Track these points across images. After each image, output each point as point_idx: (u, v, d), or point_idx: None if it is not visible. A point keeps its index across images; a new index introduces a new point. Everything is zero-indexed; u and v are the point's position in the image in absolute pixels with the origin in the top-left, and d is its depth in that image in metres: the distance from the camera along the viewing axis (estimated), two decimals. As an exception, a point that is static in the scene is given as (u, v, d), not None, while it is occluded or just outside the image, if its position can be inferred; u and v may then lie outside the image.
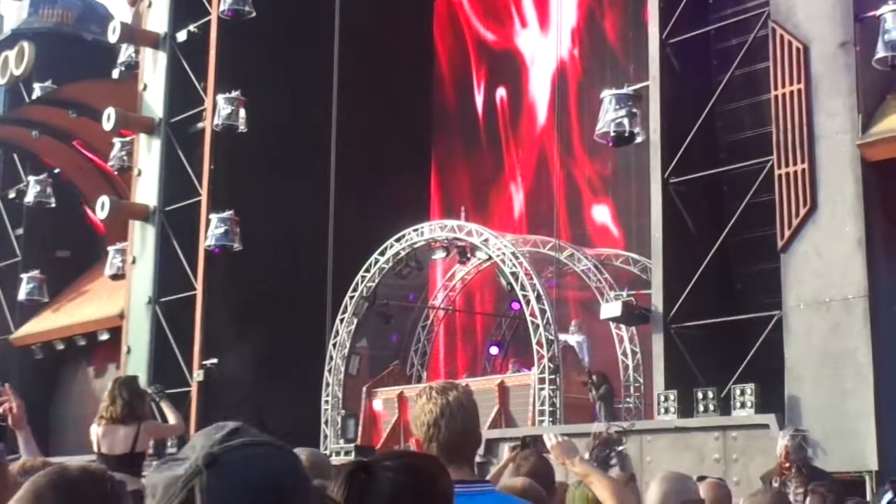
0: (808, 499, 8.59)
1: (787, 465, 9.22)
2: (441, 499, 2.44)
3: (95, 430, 7.75)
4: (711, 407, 15.05)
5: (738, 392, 14.77)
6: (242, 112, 23.16)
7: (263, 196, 22.96)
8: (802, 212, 14.40)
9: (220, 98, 23.18)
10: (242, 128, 23.15)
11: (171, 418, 8.65)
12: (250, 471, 1.48)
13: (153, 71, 25.57)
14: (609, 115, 17.68)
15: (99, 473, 2.19)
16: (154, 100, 25.33)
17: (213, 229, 22.78)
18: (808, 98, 14.56)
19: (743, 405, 14.69)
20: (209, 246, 22.90)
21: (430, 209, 27.17)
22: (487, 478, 4.58)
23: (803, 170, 14.44)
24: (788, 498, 7.57)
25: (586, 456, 5.08)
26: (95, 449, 7.82)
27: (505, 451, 5.07)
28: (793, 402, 14.11)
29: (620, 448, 14.74)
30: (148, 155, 25.22)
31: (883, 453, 13.09)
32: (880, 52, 13.66)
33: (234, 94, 23.09)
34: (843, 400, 13.63)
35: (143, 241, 24.95)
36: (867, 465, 13.19)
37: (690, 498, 4.40)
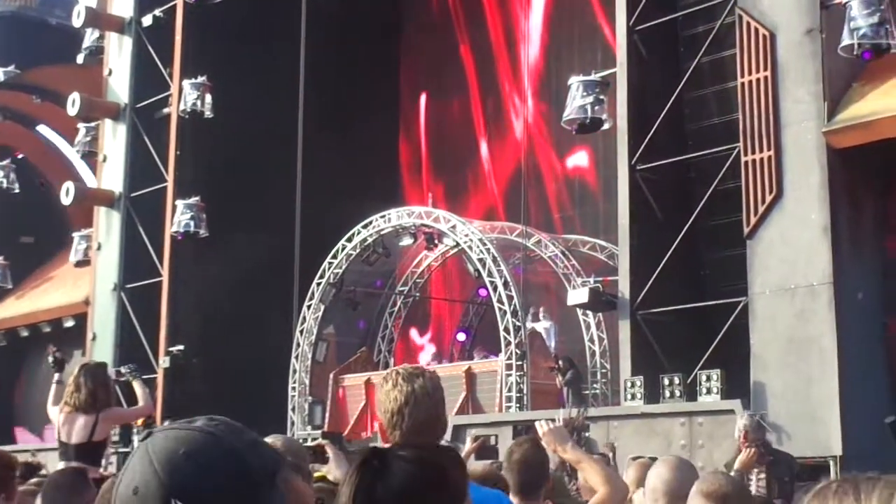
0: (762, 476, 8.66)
1: (746, 444, 9.28)
2: (453, 492, 2.41)
3: (57, 417, 7.70)
4: (678, 393, 15.13)
5: (703, 378, 14.85)
6: (209, 97, 23.01)
7: (230, 182, 22.84)
8: (768, 198, 14.47)
9: (186, 83, 23.02)
10: (209, 113, 23.00)
11: (141, 398, 8.57)
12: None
13: (118, 56, 25.36)
14: (576, 102, 17.70)
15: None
16: (119, 85, 25.13)
17: (179, 215, 22.65)
18: (774, 85, 14.62)
19: (709, 391, 14.77)
20: (175, 232, 22.77)
21: (399, 195, 27.13)
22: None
23: (769, 157, 14.51)
24: (743, 482, 7.62)
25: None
26: (56, 436, 7.77)
27: (468, 440, 5.07)
28: (758, 388, 14.20)
29: (587, 433, 14.82)
30: (113, 141, 25.02)
31: (847, 438, 13.20)
32: (846, 40, 13.72)
33: (201, 79, 22.94)
34: (808, 386, 13.73)
35: (108, 227, 24.77)
36: (831, 450, 13.29)
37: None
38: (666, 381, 15.25)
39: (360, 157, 24.90)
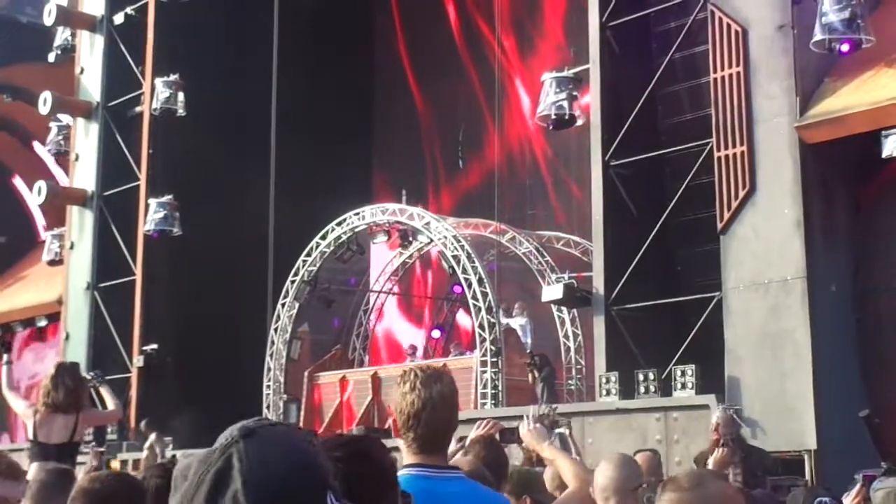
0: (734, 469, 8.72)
1: (719, 439, 9.32)
2: (386, 476, 2.50)
3: (33, 417, 7.65)
4: (652, 388, 15.16)
5: (678, 373, 14.90)
6: (181, 96, 22.91)
7: (203, 180, 22.76)
8: (741, 194, 14.52)
9: (159, 82, 22.91)
10: (181, 112, 22.91)
11: (110, 404, 8.56)
12: (285, 441, 1.54)
13: (90, 54, 25.22)
14: (550, 98, 17.71)
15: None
16: (91, 83, 24.98)
17: (152, 214, 22.56)
18: (746, 81, 14.67)
19: (683, 386, 14.81)
20: (148, 231, 22.67)
21: (372, 193, 27.10)
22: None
23: (742, 152, 14.56)
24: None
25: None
26: (31, 437, 7.72)
27: (452, 442, 5.08)
28: (732, 383, 14.25)
29: (560, 430, 14.81)
30: (85, 139, 24.90)
31: (821, 432, 13.26)
32: (818, 35, 13.77)
33: (173, 77, 22.84)
34: (782, 380, 13.79)
35: (81, 226, 24.64)
36: (806, 445, 13.36)
37: (639, 483, 4.49)
38: (641, 377, 15.28)
39: (333, 155, 24.86)
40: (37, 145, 29.18)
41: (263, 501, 1.45)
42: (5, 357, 8.51)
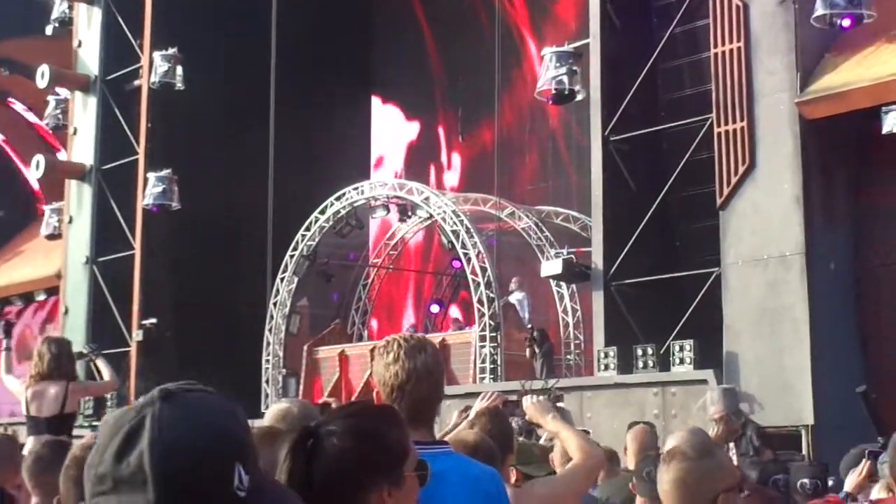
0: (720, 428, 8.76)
1: (716, 416, 9.32)
2: (393, 454, 2.40)
3: (25, 392, 7.67)
4: (651, 363, 15.19)
5: (676, 348, 14.91)
6: (180, 69, 22.80)
7: (202, 154, 22.70)
8: (741, 169, 14.50)
9: (157, 55, 22.80)
10: (180, 85, 22.81)
11: (106, 375, 8.58)
12: (200, 407, 1.54)
13: (88, 27, 25.10)
14: (550, 73, 17.65)
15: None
16: (89, 57, 24.88)
17: (151, 188, 22.50)
18: (747, 56, 14.62)
19: (682, 361, 14.83)
20: (147, 205, 22.62)
21: (372, 166, 27.07)
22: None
23: (742, 128, 14.53)
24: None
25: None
26: (24, 411, 7.74)
27: (454, 415, 5.05)
28: (730, 358, 14.27)
29: (560, 404, 14.84)
30: (83, 113, 24.82)
31: (818, 408, 13.30)
32: (819, 10, 13.71)
33: (171, 51, 22.73)
34: (780, 355, 13.81)
35: (79, 200, 24.59)
36: (803, 420, 13.39)
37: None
38: (639, 352, 15.31)
39: (333, 129, 24.79)
40: (33, 118, 29.08)
41: (166, 464, 1.45)
42: (5, 343, 8.54)
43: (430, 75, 26.89)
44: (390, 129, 27.79)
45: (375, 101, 28.03)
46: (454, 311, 25.05)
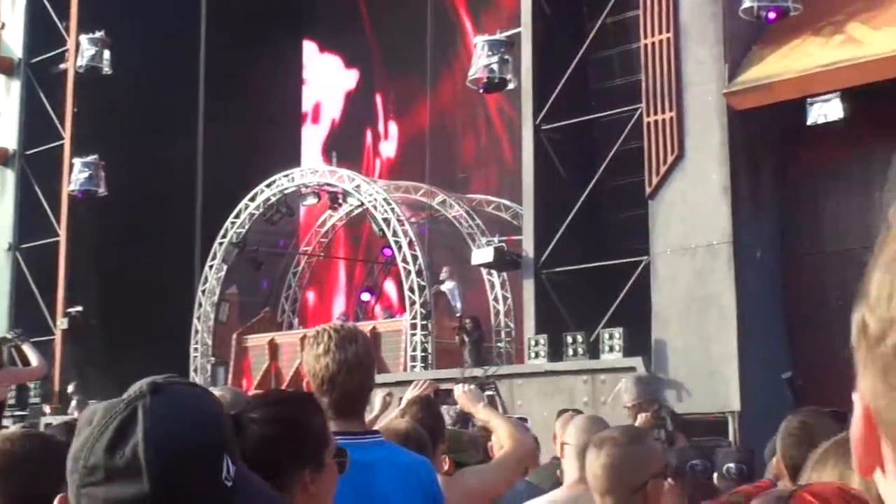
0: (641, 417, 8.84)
1: (629, 404, 9.35)
2: (312, 440, 2.45)
3: None
4: (580, 351, 15.28)
5: (606, 336, 15.02)
6: (107, 53, 22.49)
7: (129, 140, 22.40)
8: (670, 159, 14.63)
9: (84, 38, 22.47)
10: (107, 70, 22.51)
11: (33, 360, 8.44)
12: (190, 400, 1.59)
13: (12, 9, 24.65)
14: (482, 61, 17.66)
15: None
16: (13, 39, 24.45)
17: (76, 174, 22.17)
18: (676, 47, 14.74)
19: (611, 349, 14.94)
20: (73, 191, 22.30)
21: (302, 153, 26.91)
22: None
23: (671, 118, 14.65)
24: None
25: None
26: None
27: (377, 400, 5.05)
28: (659, 346, 14.41)
29: (489, 392, 14.90)
30: (7, 97, 24.39)
31: (745, 395, 13.47)
32: (746, 3, 13.86)
33: (98, 34, 22.40)
34: (708, 343, 13.96)
35: (2, 185, 24.18)
36: (730, 406, 13.55)
37: None
38: (569, 340, 15.39)
39: (263, 115, 24.61)
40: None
41: (162, 456, 1.48)
42: None
43: (368, 54, 26.81)
44: (328, 76, 27.61)
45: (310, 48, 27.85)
46: (385, 300, 25.02)
